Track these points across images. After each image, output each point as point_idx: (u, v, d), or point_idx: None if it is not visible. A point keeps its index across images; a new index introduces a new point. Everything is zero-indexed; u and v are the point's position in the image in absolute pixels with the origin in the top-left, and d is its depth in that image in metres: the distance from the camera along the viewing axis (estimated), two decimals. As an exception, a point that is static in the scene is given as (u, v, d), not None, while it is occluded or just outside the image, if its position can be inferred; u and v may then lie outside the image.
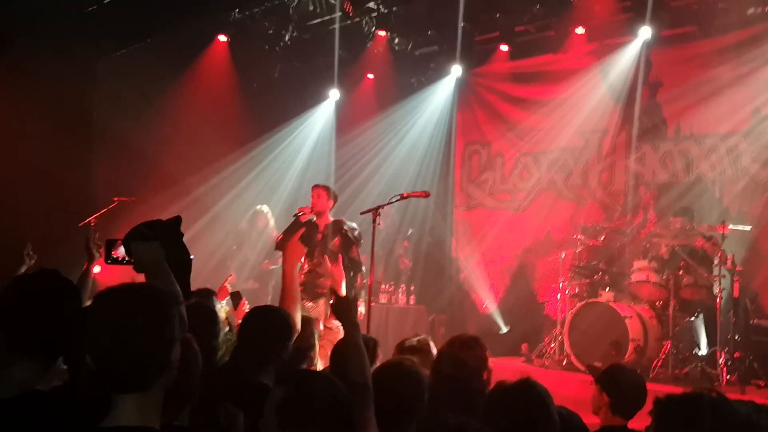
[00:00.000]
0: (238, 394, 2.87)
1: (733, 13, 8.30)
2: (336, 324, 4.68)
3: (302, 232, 6.70)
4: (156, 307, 1.90)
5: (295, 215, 6.99)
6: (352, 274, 6.98)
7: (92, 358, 1.86)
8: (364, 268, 7.01)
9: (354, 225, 7.15)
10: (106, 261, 2.67)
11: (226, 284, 5.60)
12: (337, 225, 7.08)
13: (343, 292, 5.22)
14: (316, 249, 7.13)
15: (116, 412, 1.83)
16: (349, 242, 7.02)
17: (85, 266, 4.34)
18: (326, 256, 6.80)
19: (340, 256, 6.20)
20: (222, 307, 5.12)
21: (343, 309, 2.99)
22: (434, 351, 3.98)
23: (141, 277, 2.37)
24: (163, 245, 2.39)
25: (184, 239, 2.63)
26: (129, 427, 1.82)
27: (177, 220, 2.49)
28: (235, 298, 5.47)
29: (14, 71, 8.71)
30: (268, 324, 3.30)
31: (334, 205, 7.22)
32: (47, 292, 2.31)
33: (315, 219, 7.14)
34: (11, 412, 2.07)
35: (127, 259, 2.50)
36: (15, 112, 8.92)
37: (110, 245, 2.66)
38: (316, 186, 7.30)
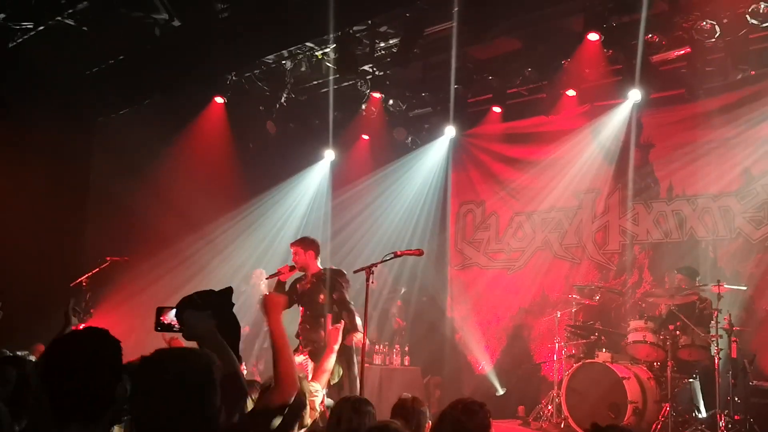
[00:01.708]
0: None
1: (720, 77, 8.48)
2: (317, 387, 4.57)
3: (275, 281, 6.83)
4: (204, 374, 1.89)
5: (274, 275, 7.10)
6: (342, 313, 6.96)
7: (138, 426, 1.83)
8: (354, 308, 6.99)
9: (336, 268, 7.21)
10: (156, 328, 2.72)
11: None
12: (321, 276, 7.12)
13: (334, 351, 5.14)
14: (303, 301, 7.18)
15: None
16: (333, 285, 7.06)
17: (60, 330, 4.26)
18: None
19: (329, 316, 6.18)
20: None
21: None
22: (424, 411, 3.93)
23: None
24: (214, 315, 2.41)
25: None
26: None
27: (228, 291, 2.54)
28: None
29: (12, 132, 8.79)
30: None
31: (316, 253, 7.26)
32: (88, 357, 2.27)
33: (304, 273, 7.24)
34: None
35: (176, 326, 2.55)
36: (11, 172, 8.96)
37: (160, 312, 2.73)
38: (291, 244, 7.41)
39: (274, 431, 3.04)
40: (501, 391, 10.13)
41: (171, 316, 2.63)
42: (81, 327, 4.32)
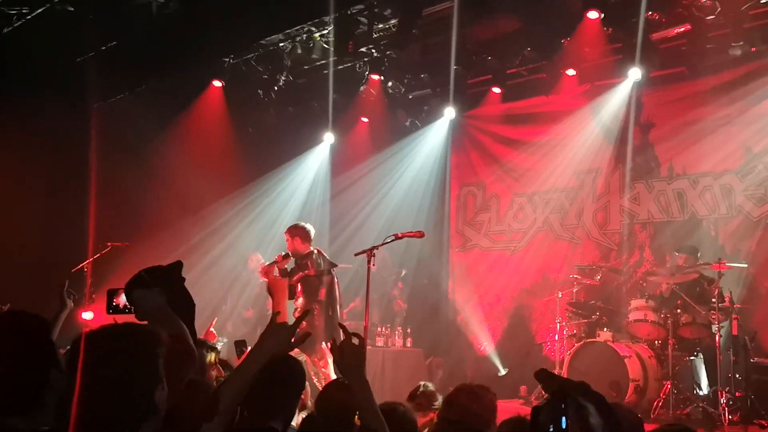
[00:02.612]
0: None
1: (720, 54, 8.43)
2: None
3: (277, 267, 6.97)
4: (138, 350, 1.85)
5: (270, 264, 7.23)
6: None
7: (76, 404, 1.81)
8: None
9: (310, 251, 7.31)
10: (107, 311, 2.66)
11: (211, 328, 5.52)
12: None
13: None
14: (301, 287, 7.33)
15: None
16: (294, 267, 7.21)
17: (55, 313, 4.26)
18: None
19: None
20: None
21: (348, 361, 2.53)
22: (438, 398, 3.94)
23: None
24: (164, 291, 2.39)
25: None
26: None
27: (178, 265, 2.49)
28: (240, 345, 5.39)
29: (9, 119, 8.76)
30: (284, 373, 3.14)
31: (302, 237, 7.35)
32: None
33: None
34: None
35: (128, 307, 2.50)
36: (11, 160, 8.94)
37: (111, 294, 2.66)
38: (285, 232, 7.53)
39: None
40: (503, 372, 10.18)
41: (123, 298, 2.57)
42: (81, 311, 4.32)
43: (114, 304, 2.64)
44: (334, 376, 4.85)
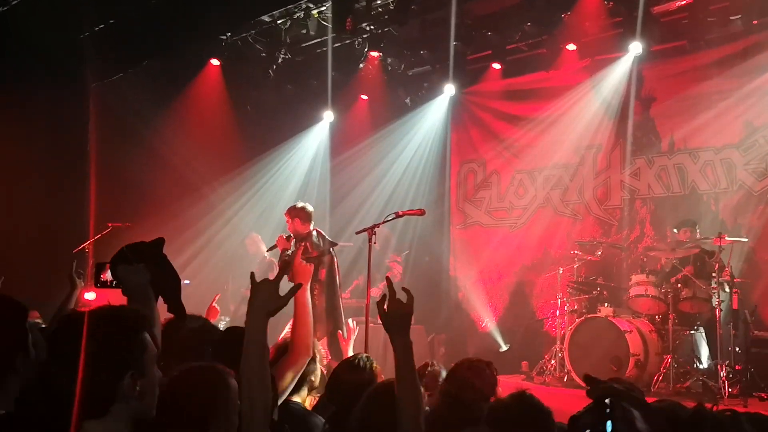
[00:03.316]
0: None
1: (721, 27, 8.36)
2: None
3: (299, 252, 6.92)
4: (108, 336, 1.86)
5: (272, 247, 7.17)
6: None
7: (49, 385, 1.83)
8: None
9: (307, 231, 7.30)
10: (95, 284, 2.66)
11: (213, 304, 5.48)
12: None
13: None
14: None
15: None
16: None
17: (66, 293, 4.27)
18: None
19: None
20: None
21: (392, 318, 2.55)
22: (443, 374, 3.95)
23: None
24: (148, 267, 2.37)
25: (178, 262, 2.62)
26: None
27: (159, 241, 2.47)
28: None
29: (7, 102, 8.72)
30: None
31: (302, 219, 7.31)
32: None
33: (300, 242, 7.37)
34: None
35: (114, 282, 2.49)
36: (11, 141, 8.92)
37: (99, 268, 2.65)
38: (285, 213, 7.45)
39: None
40: (504, 348, 10.23)
41: (110, 274, 2.56)
42: (83, 292, 4.32)
43: (101, 278, 2.65)
44: (351, 354, 4.85)
